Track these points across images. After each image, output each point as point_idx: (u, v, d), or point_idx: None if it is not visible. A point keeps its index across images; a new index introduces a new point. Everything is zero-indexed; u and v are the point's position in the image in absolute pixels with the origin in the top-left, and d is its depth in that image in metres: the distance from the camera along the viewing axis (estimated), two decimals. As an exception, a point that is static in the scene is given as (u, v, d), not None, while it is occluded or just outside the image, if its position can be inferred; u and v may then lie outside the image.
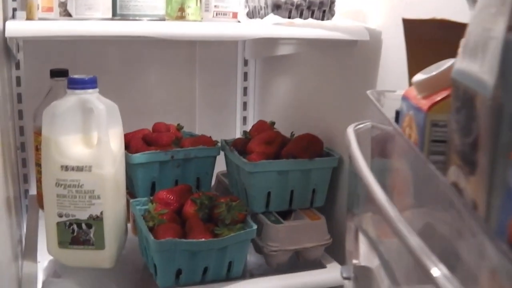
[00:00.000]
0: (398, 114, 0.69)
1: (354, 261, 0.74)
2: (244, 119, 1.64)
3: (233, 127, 1.65)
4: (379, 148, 0.71)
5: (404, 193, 0.64)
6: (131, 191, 1.24)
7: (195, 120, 1.59)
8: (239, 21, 1.09)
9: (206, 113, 1.60)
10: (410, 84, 0.69)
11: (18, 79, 1.40)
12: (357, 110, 1.14)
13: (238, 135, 1.63)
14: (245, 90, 1.62)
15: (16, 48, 1.35)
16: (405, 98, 0.66)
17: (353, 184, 0.77)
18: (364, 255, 0.72)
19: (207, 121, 1.60)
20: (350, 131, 0.68)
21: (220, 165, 1.28)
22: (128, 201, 1.15)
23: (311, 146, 1.16)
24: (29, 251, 1.14)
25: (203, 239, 0.98)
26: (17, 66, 1.39)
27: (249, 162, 1.10)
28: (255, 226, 1.03)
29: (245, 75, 1.61)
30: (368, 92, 0.71)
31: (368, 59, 1.09)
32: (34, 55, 1.41)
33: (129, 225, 1.19)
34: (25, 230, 1.30)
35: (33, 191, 1.42)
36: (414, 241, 0.45)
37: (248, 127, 1.60)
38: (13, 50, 1.24)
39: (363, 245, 0.72)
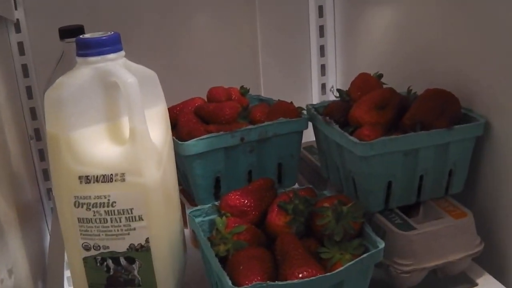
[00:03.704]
0: None
1: None
2: (323, 68, 1.25)
3: (308, 81, 1.26)
4: None
5: None
6: (185, 188, 0.89)
7: (259, 77, 1.21)
8: None
9: (272, 67, 1.22)
10: None
11: (20, 45, 1.04)
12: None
13: (316, 90, 1.25)
14: (321, 29, 1.23)
15: (12, 3, 1.00)
16: None
17: None
18: None
19: (274, 78, 1.22)
20: None
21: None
22: (183, 206, 0.81)
23: (446, 109, 0.78)
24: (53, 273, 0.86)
25: (307, 279, 0.62)
26: (17, 29, 1.04)
27: (362, 142, 0.73)
28: (382, 244, 0.67)
29: (320, 10, 1.22)
30: None
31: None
32: (39, 12, 1.05)
33: (187, 232, 0.84)
34: (48, 243, 1.00)
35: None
36: None
37: (329, 80, 1.23)
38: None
39: None
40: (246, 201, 0.74)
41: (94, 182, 0.65)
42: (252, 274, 0.63)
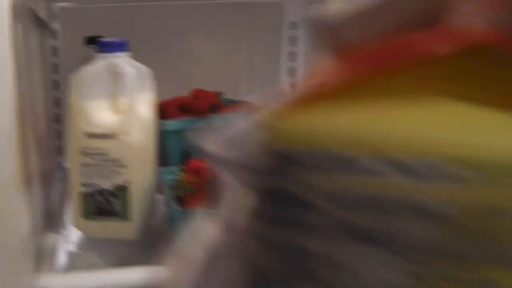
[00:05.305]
0: None
1: None
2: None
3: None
4: None
5: None
6: (165, 161, 1.19)
7: (239, 89, 1.53)
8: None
9: (251, 81, 1.54)
10: None
11: (54, 49, 1.34)
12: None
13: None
14: (290, 55, 1.53)
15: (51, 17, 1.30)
16: None
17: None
18: None
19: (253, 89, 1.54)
20: None
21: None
22: (159, 171, 1.11)
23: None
24: (53, 224, 1.10)
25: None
26: (54, 36, 1.33)
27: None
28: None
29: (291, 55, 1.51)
30: None
31: None
32: (74, 25, 1.34)
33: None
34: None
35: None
36: None
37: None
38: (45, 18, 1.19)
39: None
40: (203, 165, 1.03)
41: (96, 138, 0.95)
42: (194, 204, 0.92)
